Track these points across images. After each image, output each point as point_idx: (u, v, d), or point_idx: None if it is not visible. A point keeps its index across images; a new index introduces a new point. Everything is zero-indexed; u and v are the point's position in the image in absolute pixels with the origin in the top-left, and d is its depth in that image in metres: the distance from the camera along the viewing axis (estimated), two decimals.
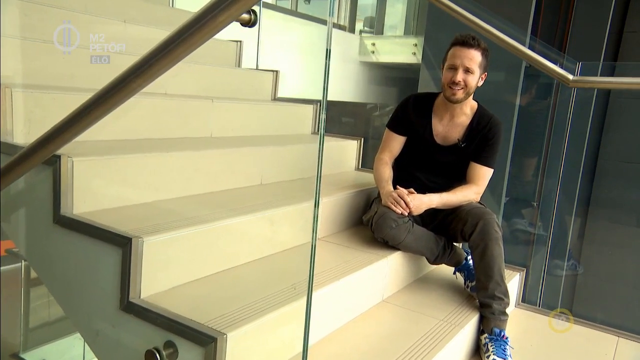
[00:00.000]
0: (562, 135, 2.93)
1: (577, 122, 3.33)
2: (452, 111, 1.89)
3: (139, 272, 1.19)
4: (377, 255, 1.75)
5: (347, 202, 2.03)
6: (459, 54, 1.78)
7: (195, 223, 1.37)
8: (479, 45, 1.77)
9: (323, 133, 1.08)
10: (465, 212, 1.78)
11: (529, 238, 3.40)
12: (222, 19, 0.89)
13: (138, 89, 0.94)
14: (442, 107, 1.92)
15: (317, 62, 1.07)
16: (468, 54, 1.76)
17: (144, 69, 0.93)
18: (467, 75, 1.78)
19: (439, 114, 1.93)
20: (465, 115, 1.90)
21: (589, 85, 1.95)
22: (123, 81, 0.92)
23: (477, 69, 1.78)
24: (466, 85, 1.79)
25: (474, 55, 1.77)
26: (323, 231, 1.92)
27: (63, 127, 1.01)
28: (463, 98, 1.83)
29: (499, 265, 1.71)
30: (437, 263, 1.93)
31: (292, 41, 4.03)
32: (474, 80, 1.80)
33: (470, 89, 1.81)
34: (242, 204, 1.64)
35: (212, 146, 1.89)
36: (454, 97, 1.82)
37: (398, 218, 1.77)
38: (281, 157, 2.11)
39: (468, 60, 1.77)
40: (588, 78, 1.99)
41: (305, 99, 2.72)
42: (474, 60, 1.77)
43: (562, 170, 2.54)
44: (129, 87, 0.92)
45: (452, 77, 1.79)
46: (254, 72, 2.80)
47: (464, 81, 1.78)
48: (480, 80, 1.84)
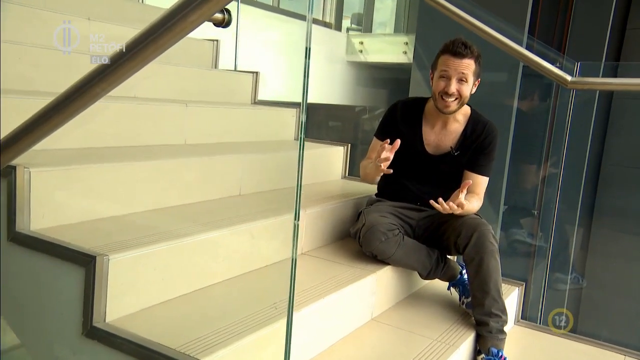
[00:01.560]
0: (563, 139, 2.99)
1: (579, 125, 3.39)
2: (444, 118, 1.91)
3: (104, 294, 1.18)
4: (366, 270, 1.76)
5: (333, 213, 2.04)
6: (451, 63, 1.78)
7: (168, 238, 1.37)
8: (472, 53, 1.78)
9: (303, 137, 1.09)
10: (458, 223, 1.80)
11: (528, 250, 3.44)
12: (193, 18, 0.90)
13: (102, 93, 0.94)
14: (433, 114, 1.93)
15: (300, 62, 1.08)
16: (461, 63, 1.77)
17: (108, 72, 0.93)
18: (460, 84, 1.80)
19: (429, 121, 1.95)
20: (458, 122, 1.92)
21: (588, 87, 1.99)
22: (85, 85, 0.92)
23: (471, 78, 1.80)
24: (460, 95, 1.81)
25: (467, 64, 1.78)
26: (307, 245, 1.93)
27: (18, 135, 1.00)
28: (457, 109, 1.85)
29: (496, 280, 1.73)
30: (430, 278, 1.94)
31: (273, 40, 4.06)
32: (468, 90, 1.82)
33: (465, 98, 1.82)
34: (219, 217, 1.63)
35: (186, 154, 1.89)
36: (447, 109, 1.83)
37: (388, 231, 1.78)
38: (262, 166, 2.11)
39: (462, 69, 1.77)
40: (587, 79, 2.03)
41: (288, 101, 2.73)
42: (468, 69, 1.78)
43: (561, 176, 2.58)
44: (92, 92, 0.92)
45: (445, 87, 1.80)
46: (232, 74, 2.81)
47: (458, 92, 1.80)
48: (474, 87, 1.86)
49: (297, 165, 1.05)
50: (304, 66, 1.05)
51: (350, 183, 2.50)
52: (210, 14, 0.91)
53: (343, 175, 2.63)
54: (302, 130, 1.09)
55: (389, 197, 2.01)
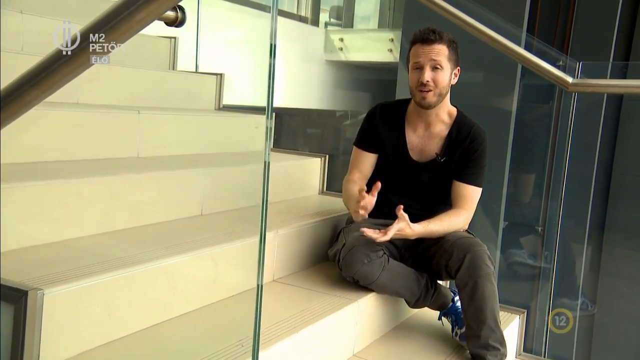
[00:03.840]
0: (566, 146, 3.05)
1: (585, 130, 3.47)
2: (426, 119, 1.96)
3: (38, 335, 1.15)
4: (346, 298, 1.76)
5: (309, 233, 2.05)
6: (421, 52, 1.85)
7: (116, 267, 1.35)
8: (442, 38, 1.85)
9: (270, 146, 1.10)
10: (450, 243, 1.83)
11: (531, 272, 3.48)
12: (140, 17, 0.90)
13: (34, 102, 0.93)
14: (415, 116, 1.98)
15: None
16: (432, 49, 1.84)
17: (41, 78, 0.92)
18: (435, 73, 1.85)
19: (412, 124, 1.99)
20: (442, 123, 1.96)
21: (591, 90, 2.05)
22: (13, 93, 0.91)
23: (446, 64, 1.86)
24: (436, 84, 1.86)
25: (439, 49, 1.84)
26: (279, 271, 1.92)
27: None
28: (436, 101, 1.89)
29: (493, 307, 1.75)
30: (419, 306, 1.96)
31: (240, 37, 4.07)
32: (445, 78, 1.87)
33: (442, 88, 1.87)
34: (177, 241, 1.63)
35: (139, 169, 1.88)
36: (425, 101, 1.88)
37: (371, 252, 1.79)
38: (227, 181, 2.12)
39: (434, 55, 1.84)
40: (590, 81, 2.09)
41: (258, 106, 2.74)
42: (441, 54, 1.85)
43: (564, 187, 2.64)
44: (22, 100, 0.92)
45: (419, 77, 1.86)
46: (193, 76, 2.82)
47: (432, 80, 1.85)
48: (454, 77, 1.91)
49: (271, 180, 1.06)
50: (269, 66, 1.06)
51: (328, 199, 2.51)
52: (160, 12, 0.91)
53: (321, 190, 2.64)
54: (269, 138, 1.09)
55: (372, 214, 2.01)
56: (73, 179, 1.60)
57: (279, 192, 2.36)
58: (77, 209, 1.57)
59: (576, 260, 3.61)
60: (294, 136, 2.90)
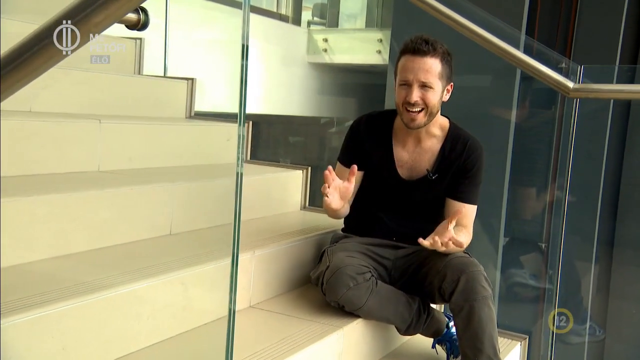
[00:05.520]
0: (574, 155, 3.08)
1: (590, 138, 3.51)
2: (416, 134, 1.96)
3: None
4: (330, 325, 1.76)
5: (290, 254, 2.05)
6: (410, 67, 1.84)
7: (73, 294, 1.34)
8: (435, 50, 1.83)
9: (242, 157, 1.11)
10: (443, 263, 1.84)
11: (533, 294, 3.50)
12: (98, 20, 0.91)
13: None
14: (403, 130, 1.98)
15: (249, 65, 1.12)
16: (422, 64, 1.82)
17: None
18: (425, 92, 1.84)
19: (400, 139, 2.00)
20: (434, 137, 1.98)
21: (594, 96, 2.08)
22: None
23: (437, 82, 1.84)
24: (426, 104, 1.85)
25: (430, 65, 1.82)
26: (256, 296, 1.92)
27: None
28: (426, 122, 1.89)
29: (491, 334, 1.76)
30: (411, 333, 1.96)
31: (214, 38, 4.07)
32: (436, 97, 1.86)
33: (433, 107, 1.87)
34: (143, 264, 1.62)
35: (100, 185, 1.88)
36: (413, 123, 1.88)
37: (357, 274, 1.80)
38: (199, 197, 2.11)
39: (424, 73, 1.82)
40: (593, 86, 2.13)
41: (233, 113, 2.74)
42: (432, 72, 1.82)
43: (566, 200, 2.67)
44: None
45: (407, 96, 1.84)
46: (161, 81, 2.82)
47: (422, 100, 1.84)
48: (446, 93, 1.91)
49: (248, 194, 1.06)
50: (241, 68, 1.08)
51: (311, 215, 2.52)
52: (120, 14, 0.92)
53: (302, 205, 2.65)
54: (241, 148, 1.10)
55: (359, 232, 2.03)
56: (25, 196, 1.58)
57: (256, 208, 2.36)
58: (30, 230, 1.56)
59: (582, 280, 3.62)
60: (273, 146, 2.90)
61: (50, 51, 0.87)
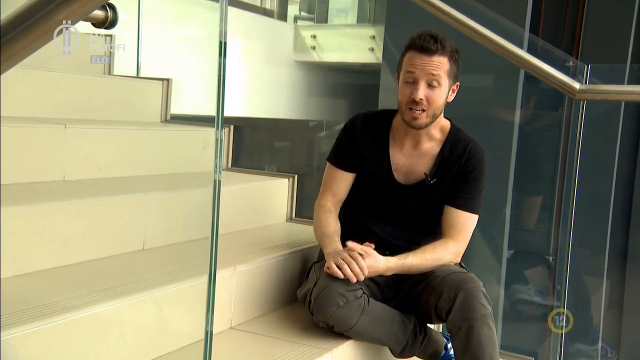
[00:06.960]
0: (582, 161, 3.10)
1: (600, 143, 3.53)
2: (415, 135, 1.98)
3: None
4: (319, 348, 1.76)
5: (275, 270, 2.05)
6: (417, 63, 1.85)
7: (34, 318, 1.33)
8: (444, 48, 1.85)
9: (220, 164, 1.11)
10: (439, 279, 1.84)
11: (541, 312, 3.50)
12: (61, 17, 0.91)
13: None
14: (401, 131, 2.00)
15: (229, 64, 1.12)
16: (430, 62, 1.84)
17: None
18: (431, 90, 1.86)
19: (398, 141, 2.01)
20: (433, 139, 1.99)
21: (602, 97, 2.10)
22: None
23: (445, 80, 1.87)
24: (430, 103, 1.87)
25: (439, 62, 1.85)
26: (238, 316, 1.92)
27: None
28: (428, 123, 1.91)
29: (491, 356, 1.76)
30: (406, 356, 1.96)
31: (191, 34, 4.07)
32: (442, 97, 1.88)
33: (437, 109, 1.89)
34: (113, 282, 1.61)
35: (66, 195, 1.87)
36: (416, 122, 1.90)
37: (347, 292, 1.80)
38: (174, 208, 2.11)
39: (432, 69, 1.84)
40: (601, 87, 2.13)
41: (212, 116, 2.74)
42: (441, 68, 1.85)
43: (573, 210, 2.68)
44: None
45: (412, 94, 1.86)
46: (133, 82, 2.81)
47: (426, 99, 1.86)
48: (451, 93, 1.93)
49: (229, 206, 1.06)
50: (219, 67, 1.08)
51: (298, 228, 2.52)
52: (85, 11, 0.92)
53: (289, 217, 2.65)
54: (219, 153, 1.11)
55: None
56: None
57: (239, 220, 2.36)
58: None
59: (593, 297, 3.63)
60: (257, 153, 2.89)
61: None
